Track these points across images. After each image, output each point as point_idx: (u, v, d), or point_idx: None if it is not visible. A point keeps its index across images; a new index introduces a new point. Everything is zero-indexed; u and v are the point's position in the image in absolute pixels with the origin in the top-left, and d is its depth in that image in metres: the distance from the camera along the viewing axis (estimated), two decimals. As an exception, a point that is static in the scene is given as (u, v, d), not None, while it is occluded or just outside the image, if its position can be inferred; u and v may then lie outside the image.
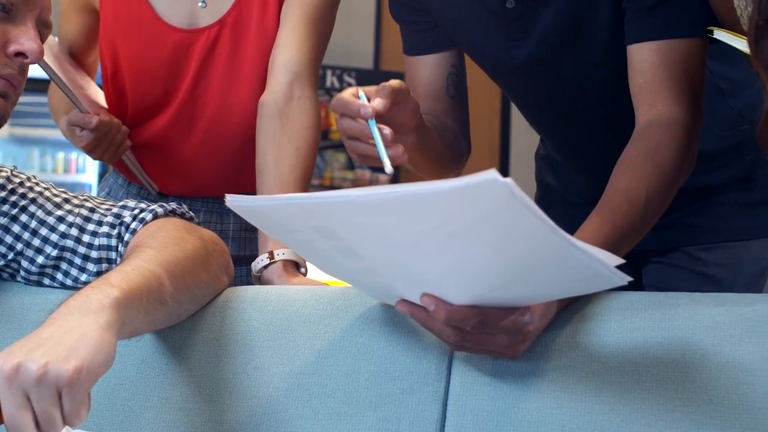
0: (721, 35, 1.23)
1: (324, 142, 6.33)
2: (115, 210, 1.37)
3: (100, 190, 2.09)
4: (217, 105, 1.85)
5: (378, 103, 1.27)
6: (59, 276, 1.37)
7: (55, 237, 1.35)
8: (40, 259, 1.35)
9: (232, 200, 1.06)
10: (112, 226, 1.35)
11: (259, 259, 1.61)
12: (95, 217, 1.36)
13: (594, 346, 1.19)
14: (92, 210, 1.37)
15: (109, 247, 1.34)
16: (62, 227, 1.35)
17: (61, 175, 5.99)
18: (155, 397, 1.30)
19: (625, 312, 1.21)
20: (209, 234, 1.37)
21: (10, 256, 1.36)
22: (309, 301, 1.33)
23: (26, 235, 1.35)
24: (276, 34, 1.78)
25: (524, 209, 0.89)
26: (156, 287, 1.17)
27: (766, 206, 1.69)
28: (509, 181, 0.86)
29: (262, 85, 1.77)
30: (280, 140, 1.68)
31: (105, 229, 1.35)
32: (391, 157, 1.25)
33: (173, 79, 1.84)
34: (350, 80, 6.26)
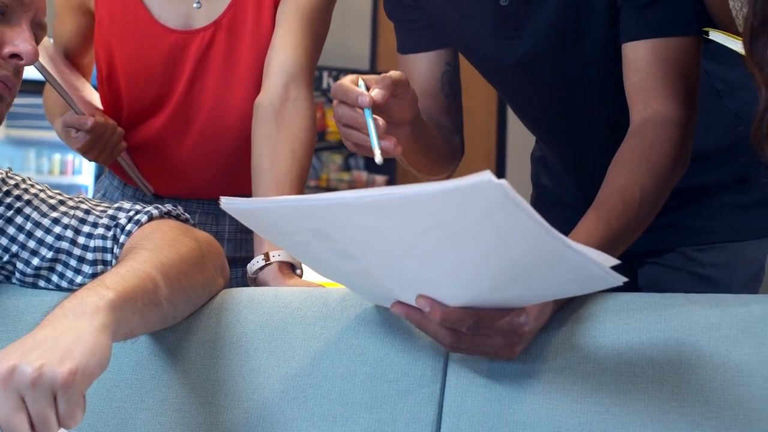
0: (716, 36, 1.23)
1: (320, 144, 6.33)
2: (110, 212, 1.37)
3: (96, 191, 2.09)
4: (213, 106, 1.85)
5: (377, 93, 1.26)
6: (54, 278, 1.36)
7: (50, 239, 1.34)
8: (36, 261, 1.35)
9: (227, 202, 1.06)
10: (108, 227, 1.35)
11: (254, 260, 1.61)
12: (90, 218, 1.36)
13: (590, 348, 1.19)
14: (87, 212, 1.37)
15: (104, 249, 1.34)
16: (57, 229, 1.35)
17: (58, 176, 5.99)
18: (150, 399, 1.29)
19: (621, 313, 1.21)
20: (204, 235, 1.37)
21: (5, 258, 1.36)
22: (305, 302, 1.33)
23: (21, 237, 1.35)
24: (271, 36, 1.78)
25: (519, 210, 0.89)
26: (151, 289, 1.17)
27: (761, 207, 1.70)
28: (504, 182, 0.86)
29: (257, 86, 1.77)
30: (276, 142, 1.68)
31: (100, 230, 1.34)
32: (383, 148, 1.25)
33: (168, 80, 1.84)
34: (346, 81, 6.24)
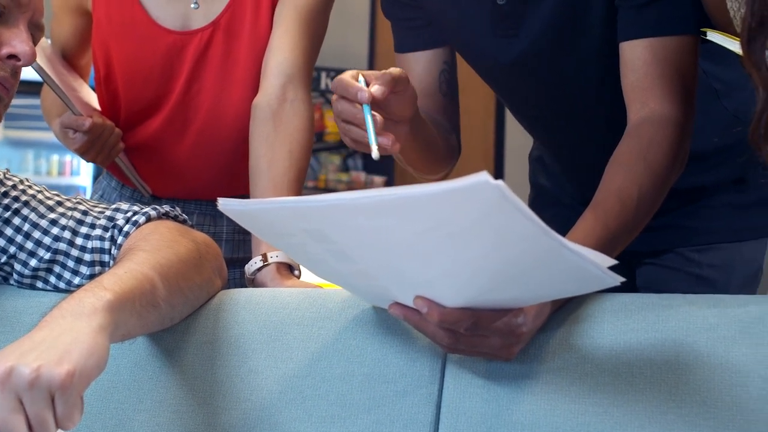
0: (714, 36, 1.23)
1: (319, 144, 6.33)
2: (108, 213, 1.37)
3: (94, 192, 2.09)
4: (210, 107, 1.84)
5: (376, 89, 1.26)
6: (52, 279, 1.36)
7: (47, 240, 1.34)
8: (33, 262, 1.35)
9: (224, 204, 1.06)
10: (105, 228, 1.34)
11: (252, 261, 1.61)
12: (88, 219, 1.36)
13: (587, 348, 1.19)
14: (85, 213, 1.37)
15: (102, 250, 1.34)
16: (55, 230, 1.35)
17: (56, 177, 5.99)
18: (148, 400, 1.29)
19: (619, 314, 1.21)
20: (202, 236, 1.37)
21: (3, 259, 1.35)
22: (302, 303, 1.33)
23: (19, 238, 1.35)
24: (269, 36, 1.78)
25: (516, 211, 0.89)
26: (149, 290, 1.17)
27: (759, 207, 1.70)
28: (500, 183, 0.86)
29: (255, 87, 1.77)
30: (274, 142, 1.68)
31: (98, 231, 1.34)
32: (381, 145, 1.25)
33: (166, 81, 1.84)
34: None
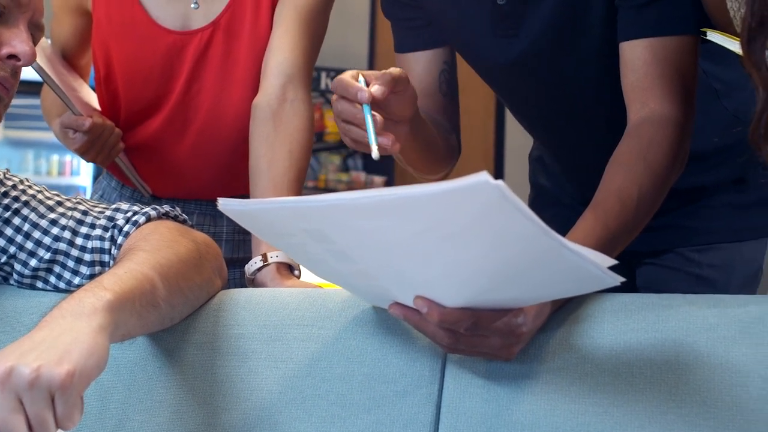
0: (714, 36, 1.23)
1: (319, 144, 6.33)
2: (108, 213, 1.37)
3: (94, 192, 2.09)
4: (210, 107, 1.84)
5: (377, 89, 1.26)
6: (52, 279, 1.36)
7: (47, 240, 1.34)
8: (33, 262, 1.35)
9: (224, 204, 1.06)
10: (105, 228, 1.34)
11: (252, 261, 1.61)
12: (88, 219, 1.36)
13: (587, 348, 1.19)
14: (85, 213, 1.37)
15: (102, 250, 1.34)
16: (55, 230, 1.35)
17: (56, 177, 5.99)
18: (148, 400, 1.29)
19: (619, 314, 1.21)
20: (202, 236, 1.37)
21: (3, 259, 1.35)
22: (302, 303, 1.33)
23: (19, 238, 1.35)
24: (269, 36, 1.78)
25: (516, 211, 0.89)
26: (149, 290, 1.17)
27: (758, 207, 1.70)
28: (500, 183, 0.86)
29: (255, 87, 1.77)
30: (274, 143, 1.68)
31: (98, 231, 1.34)
32: (381, 145, 1.25)
33: (166, 81, 1.84)
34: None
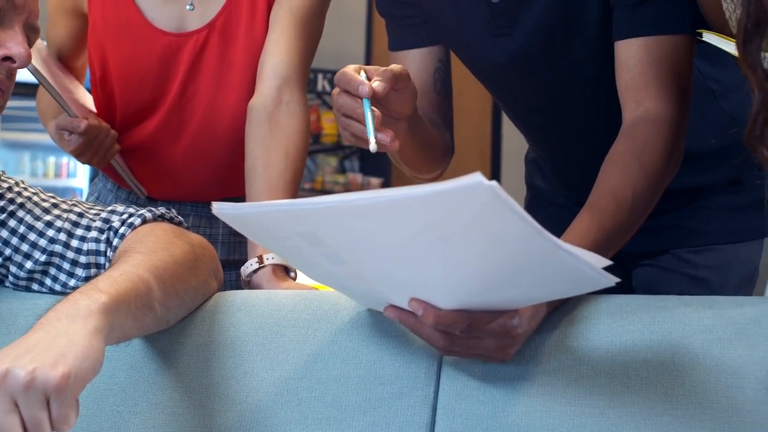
0: (709, 38, 1.23)
1: (315, 146, 6.33)
2: (103, 215, 1.37)
3: (89, 194, 2.09)
4: (206, 109, 1.84)
5: (378, 85, 1.26)
6: (48, 281, 1.36)
7: (43, 242, 1.34)
8: (29, 265, 1.35)
9: (218, 208, 1.06)
10: (101, 231, 1.34)
11: (248, 263, 1.61)
12: (84, 222, 1.36)
13: (583, 350, 1.19)
14: (81, 215, 1.37)
15: (97, 252, 1.34)
16: (51, 232, 1.34)
17: (52, 179, 5.98)
18: (144, 403, 1.29)
19: (615, 315, 1.21)
20: (198, 238, 1.37)
21: (-2, 261, 1.36)
22: (298, 305, 1.33)
23: (15, 240, 1.34)
24: (265, 38, 1.78)
25: (510, 212, 0.89)
26: (144, 292, 1.17)
27: (754, 209, 1.70)
28: (494, 184, 0.86)
29: (251, 89, 1.77)
30: (269, 144, 1.68)
31: (94, 234, 1.34)
32: (380, 140, 1.24)
33: (162, 83, 1.84)
34: (340, 84, 6.23)
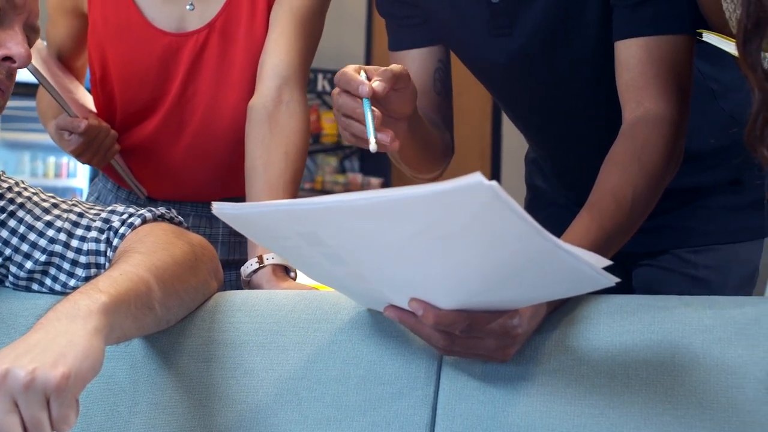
0: (709, 38, 1.23)
1: (316, 146, 6.33)
2: (103, 215, 1.37)
3: (89, 194, 2.09)
4: (206, 109, 1.84)
5: (378, 85, 1.26)
6: (48, 281, 1.36)
7: (43, 242, 1.34)
8: (29, 265, 1.35)
9: (218, 208, 1.06)
10: (101, 231, 1.34)
11: (248, 263, 1.61)
12: (84, 222, 1.36)
13: (583, 350, 1.19)
14: (81, 215, 1.37)
15: (97, 252, 1.34)
16: (51, 232, 1.34)
17: (52, 179, 5.98)
18: (144, 403, 1.29)
19: (615, 315, 1.21)
20: (198, 238, 1.37)
21: (-1, 261, 1.36)
22: (298, 305, 1.33)
23: (15, 240, 1.34)
24: (265, 38, 1.78)
25: (509, 212, 0.89)
26: (144, 292, 1.17)
27: (754, 209, 1.70)
28: (494, 183, 0.86)
29: (251, 89, 1.77)
30: (269, 144, 1.68)
31: (94, 234, 1.34)
32: (380, 140, 1.24)
33: (162, 83, 1.84)
34: (340, 84, 6.23)
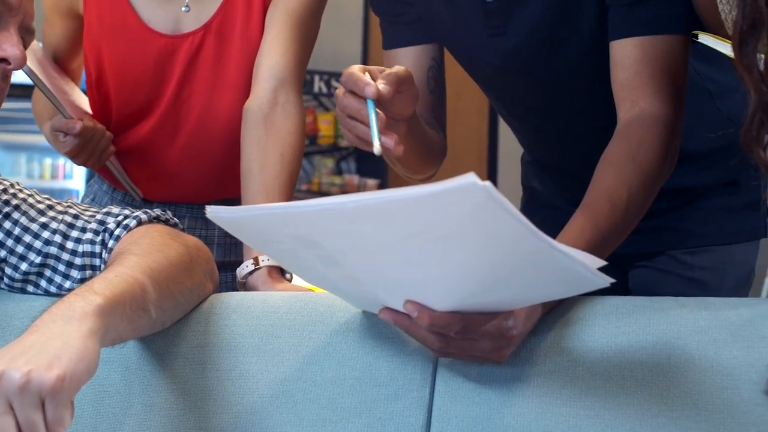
0: (705, 39, 1.23)
1: (312, 147, 6.33)
2: (99, 216, 1.37)
3: (85, 196, 2.09)
4: (202, 111, 1.84)
5: (383, 87, 1.25)
6: (43, 283, 1.36)
7: (38, 244, 1.34)
8: (24, 266, 1.35)
9: (212, 212, 1.06)
10: (96, 232, 1.34)
11: (243, 265, 1.61)
12: (79, 223, 1.36)
13: (579, 351, 1.19)
14: (76, 217, 1.36)
15: (92, 254, 1.34)
16: (46, 234, 1.34)
17: (49, 181, 5.98)
18: (139, 404, 1.29)
19: (610, 316, 1.21)
20: (193, 240, 1.36)
21: (-7, 263, 1.35)
22: (294, 307, 1.33)
23: (10, 242, 1.34)
24: (261, 40, 1.78)
25: (504, 212, 0.88)
26: (139, 294, 1.17)
27: (750, 210, 1.70)
28: (488, 184, 0.86)
29: (246, 90, 1.77)
30: (265, 146, 1.68)
31: (89, 235, 1.34)
32: (384, 145, 1.24)
33: (157, 84, 1.84)
34: (338, 85, 6.24)
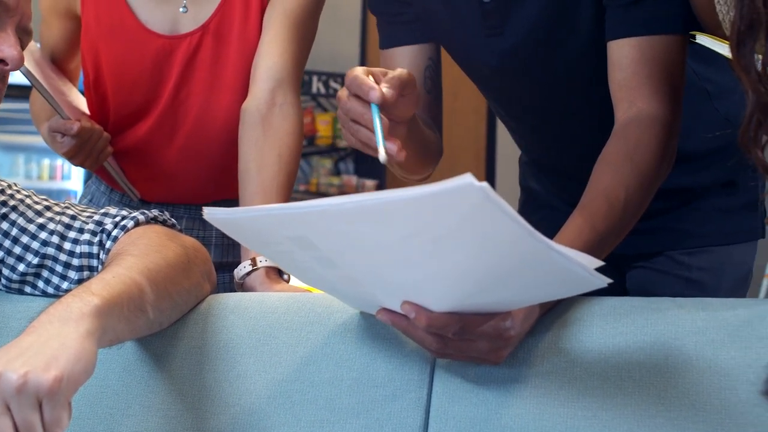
0: (703, 40, 1.23)
1: (310, 148, 6.33)
2: (96, 217, 1.36)
3: (83, 197, 2.09)
4: (199, 111, 1.84)
5: (387, 92, 1.24)
6: (40, 284, 1.36)
7: (35, 245, 1.34)
8: (21, 267, 1.34)
9: (210, 213, 1.06)
10: (94, 233, 1.34)
11: (241, 266, 1.61)
12: (76, 224, 1.36)
13: (576, 352, 1.19)
14: (73, 217, 1.36)
15: (90, 255, 1.34)
16: (43, 235, 1.34)
17: (47, 181, 5.98)
18: (137, 405, 1.29)
19: (608, 317, 1.21)
20: (191, 241, 1.36)
21: (-9, 263, 1.35)
22: (291, 308, 1.33)
23: (7, 243, 1.34)
24: (258, 40, 1.78)
25: (501, 213, 0.88)
26: (137, 295, 1.17)
27: (748, 211, 1.70)
28: (484, 185, 0.86)
29: (244, 91, 1.77)
30: (263, 147, 1.68)
31: (86, 236, 1.34)
32: (388, 150, 1.24)
33: (155, 85, 1.84)
34: (336, 86, 6.25)
